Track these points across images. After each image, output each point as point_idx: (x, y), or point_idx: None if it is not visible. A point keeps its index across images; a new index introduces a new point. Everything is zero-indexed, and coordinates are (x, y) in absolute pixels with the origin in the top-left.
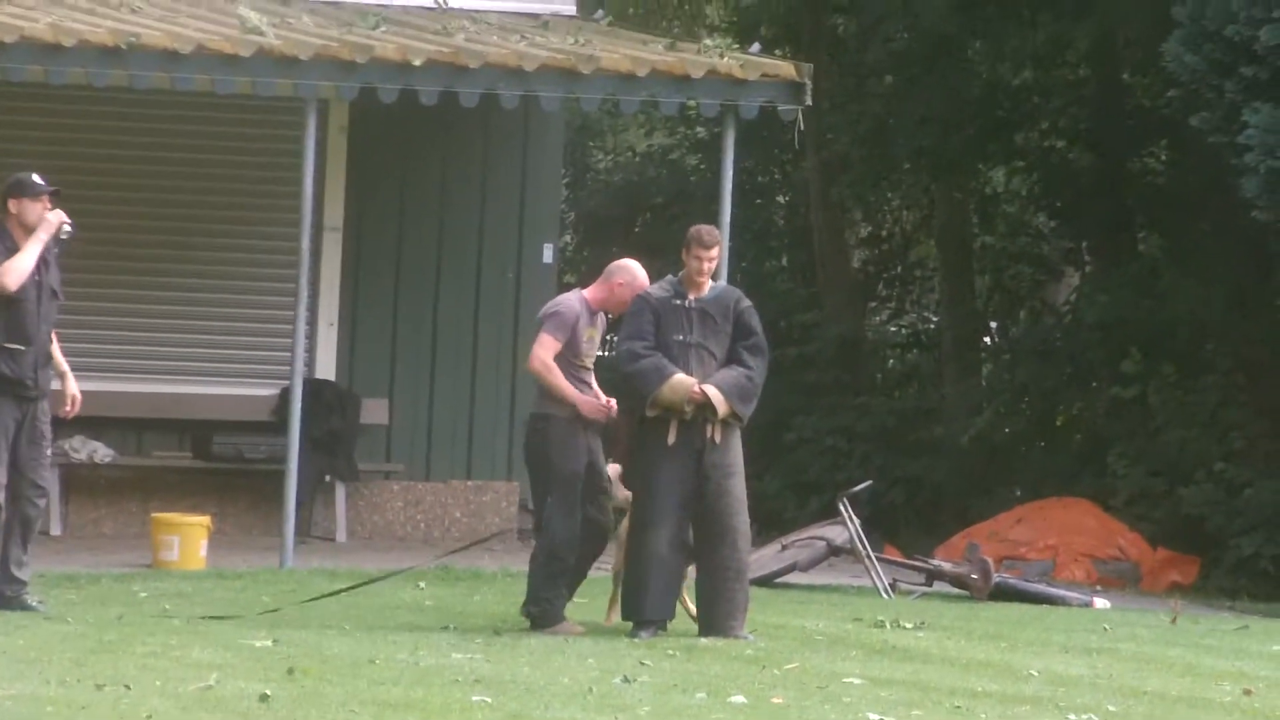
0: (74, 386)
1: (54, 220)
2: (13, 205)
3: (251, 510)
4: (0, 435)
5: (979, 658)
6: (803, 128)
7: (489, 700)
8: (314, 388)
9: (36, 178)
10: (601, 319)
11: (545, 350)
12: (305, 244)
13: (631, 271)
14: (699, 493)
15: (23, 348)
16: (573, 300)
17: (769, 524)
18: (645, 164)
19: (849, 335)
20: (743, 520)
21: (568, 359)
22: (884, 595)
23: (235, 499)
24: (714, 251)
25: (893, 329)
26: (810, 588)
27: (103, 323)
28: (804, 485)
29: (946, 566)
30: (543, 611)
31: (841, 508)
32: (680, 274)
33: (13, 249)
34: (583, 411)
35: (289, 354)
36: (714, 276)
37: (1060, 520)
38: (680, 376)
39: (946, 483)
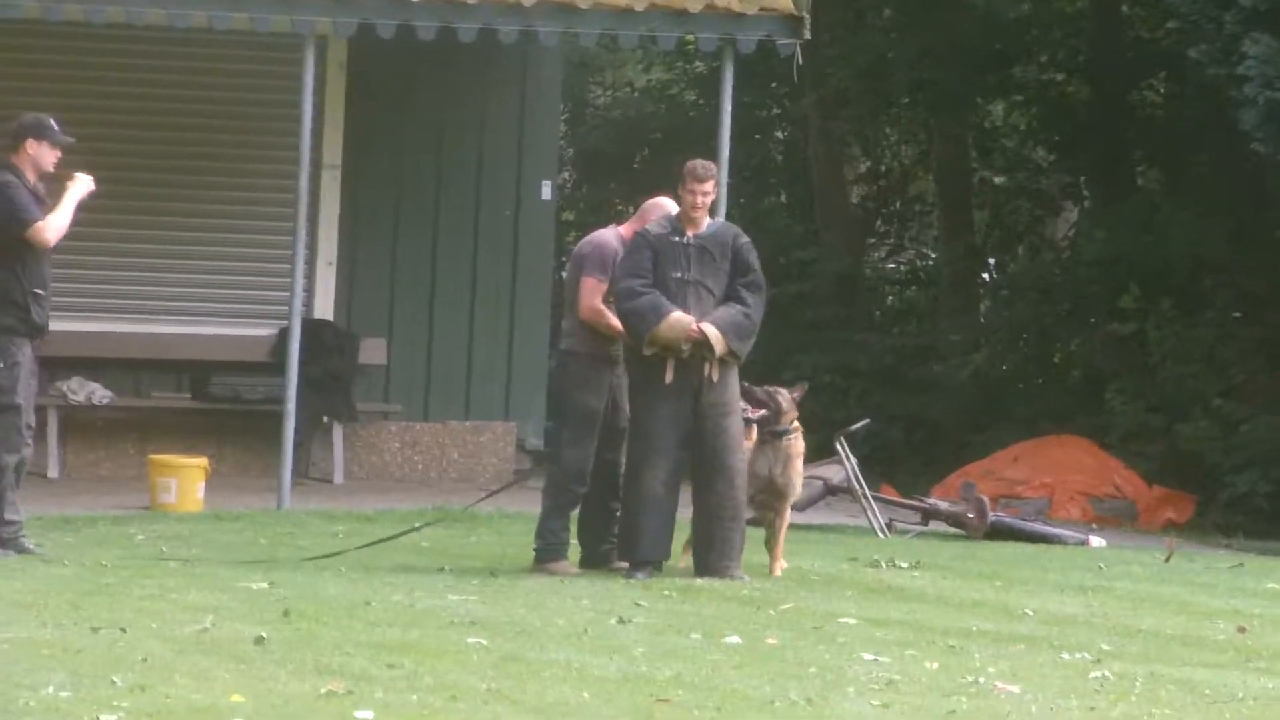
0: None
1: (88, 182)
2: (31, 147)
3: (249, 451)
4: (25, 377)
5: (974, 597)
6: (801, 62)
7: (484, 642)
8: (312, 328)
9: (55, 125)
10: None
11: (592, 295)
12: (303, 182)
13: (666, 209)
14: (696, 431)
15: (43, 292)
16: (609, 236)
17: None
18: (644, 100)
19: (847, 272)
20: (739, 459)
21: (607, 300)
22: (880, 535)
23: (233, 440)
24: (709, 185)
25: (891, 265)
26: (807, 527)
27: (100, 263)
28: (802, 423)
29: (942, 506)
30: (545, 545)
31: (839, 446)
32: (678, 211)
33: (33, 193)
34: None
35: (287, 294)
36: (712, 213)
37: (1056, 458)
38: (678, 314)
39: (944, 420)
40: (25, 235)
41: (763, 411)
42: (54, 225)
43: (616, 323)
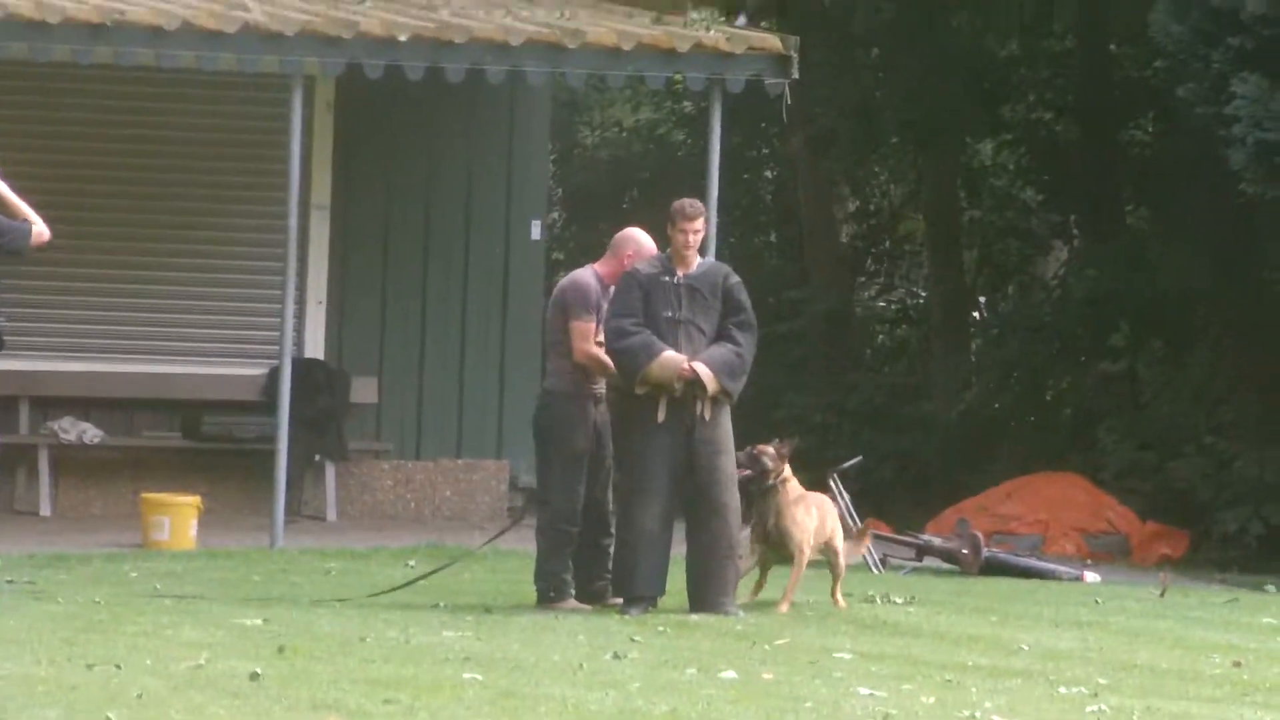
0: None
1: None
2: None
3: (242, 490)
4: None
5: (969, 632)
6: (790, 102)
7: (480, 678)
8: (303, 367)
9: None
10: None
11: (584, 340)
12: (292, 222)
13: (638, 241)
14: (689, 470)
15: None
16: (588, 277)
17: None
18: (632, 139)
19: (837, 311)
20: (733, 497)
21: (597, 340)
22: (874, 570)
23: (225, 479)
24: (698, 223)
25: (881, 304)
26: None
27: (90, 303)
28: (793, 462)
29: (937, 542)
30: (547, 586)
31: (831, 484)
32: (668, 250)
33: None
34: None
35: (277, 333)
36: (701, 252)
37: (1050, 494)
38: (669, 353)
39: (936, 458)
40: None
41: (747, 472)
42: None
43: (610, 365)
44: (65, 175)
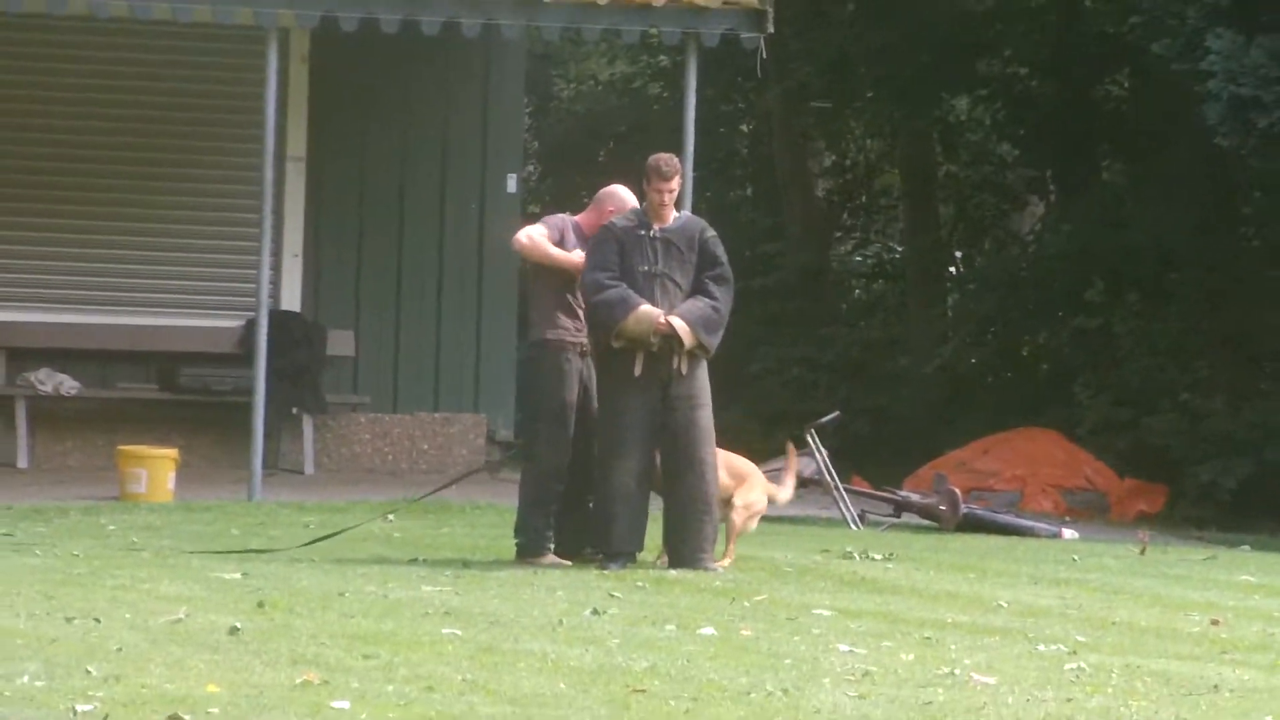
0: None
1: None
2: None
3: (219, 443)
4: None
5: (948, 589)
6: (765, 56)
7: (459, 633)
8: (279, 319)
9: None
10: None
11: (531, 230)
12: (268, 174)
13: (621, 198)
14: (666, 424)
15: None
16: (564, 217)
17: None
18: (608, 93)
19: (813, 265)
20: (710, 451)
21: (563, 291)
22: (852, 526)
23: (202, 431)
24: (674, 182)
25: (857, 259)
26: (778, 519)
27: (66, 254)
28: (770, 416)
29: (915, 498)
30: (527, 541)
31: (809, 439)
32: (644, 204)
33: None
34: (569, 266)
35: (253, 285)
36: (677, 206)
37: (1027, 451)
38: (646, 307)
39: (912, 413)
40: None
41: None
42: None
43: (551, 249)
44: (41, 127)
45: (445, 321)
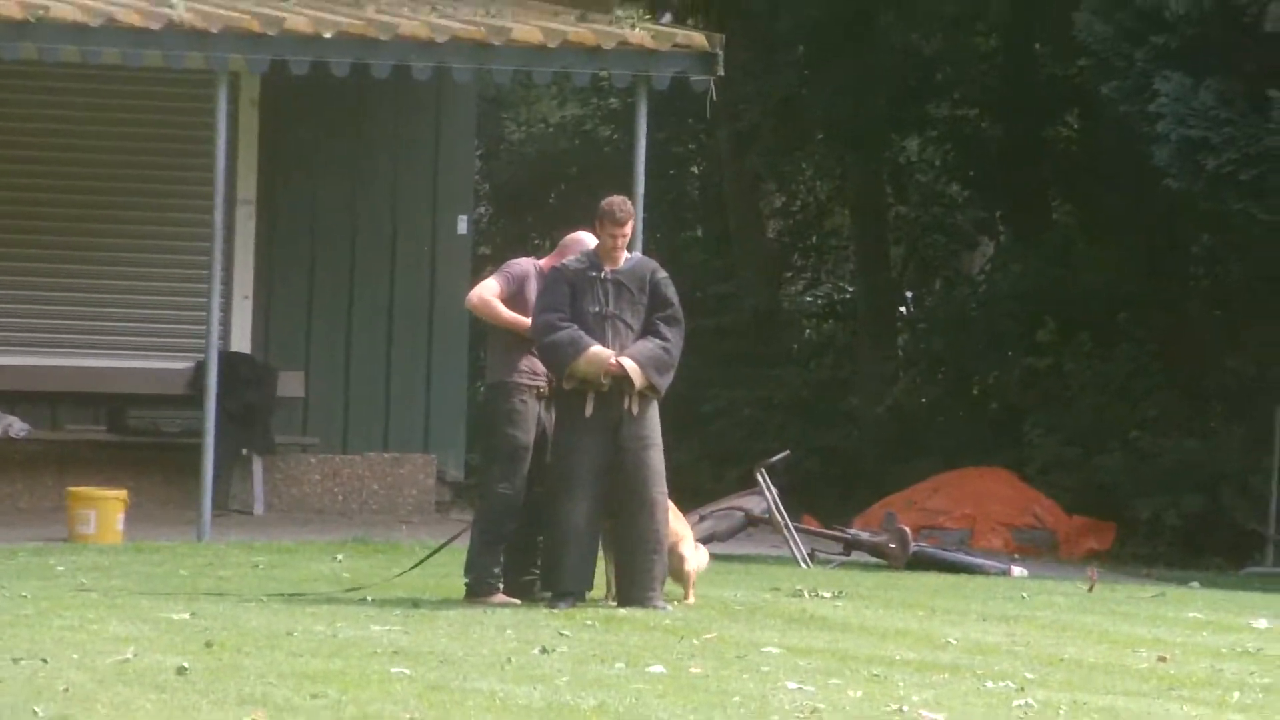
0: None
1: None
2: None
3: (168, 484)
4: None
5: (897, 626)
6: (715, 98)
7: (408, 672)
8: (229, 361)
9: None
10: None
11: (483, 289)
12: (218, 218)
13: (585, 244)
14: (617, 465)
15: None
16: (526, 262)
17: (687, 495)
18: (559, 135)
19: (764, 306)
20: (661, 491)
21: (519, 337)
22: (802, 565)
23: (152, 473)
24: (627, 228)
25: (808, 299)
26: (729, 558)
27: (15, 296)
28: (721, 456)
29: (864, 536)
30: (476, 579)
31: (759, 478)
32: (595, 246)
33: None
34: (518, 328)
35: (204, 327)
36: (629, 248)
37: (977, 489)
38: (596, 348)
39: (863, 452)
40: None
41: None
42: None
43: (502, 310)
44: None
45: (395, 362)
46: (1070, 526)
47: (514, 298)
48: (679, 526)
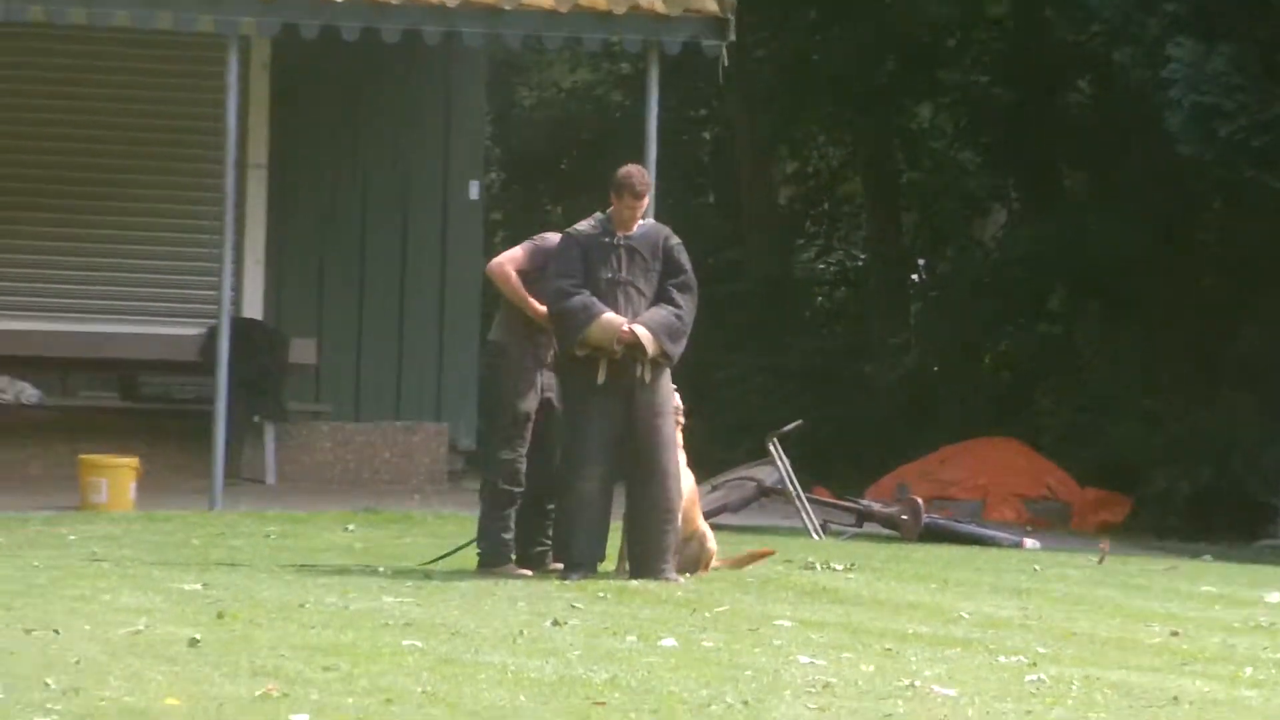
0: None
1: None
2: None
3: (180, 451)
4: None
5: (909, 599)
6: (726, 64)
7: (420, 644)
8: (241, 327)
9: None
10: None
11: (507, 259)
12: (230, 182)
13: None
14: (629, 433)
15: None
16: (556, 239)
17: (698, 465)
18: (570, 100)
19: (776, 273)
20: (672, 460)
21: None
22: (815, 536)
23: (163, 440)
24: (646, 200)
25: (820, 266)
26: (741, 529)
27: (27, 261)
28: (733, 425)
29: (877, 507)
30: (489, 548)
31: (771, 447)
32: (608, 211)
33: None
34: (535, 315)
35: (215, 293)
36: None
37: (990, 460)
38: (609, 315)
39: (875, 422)
40: None
41: None
42: None
43: (520, 289)
44: (3, 136)
45: (407, 329)
46: (1083, 499)
47: (534, 272)
48: (692, 511)
